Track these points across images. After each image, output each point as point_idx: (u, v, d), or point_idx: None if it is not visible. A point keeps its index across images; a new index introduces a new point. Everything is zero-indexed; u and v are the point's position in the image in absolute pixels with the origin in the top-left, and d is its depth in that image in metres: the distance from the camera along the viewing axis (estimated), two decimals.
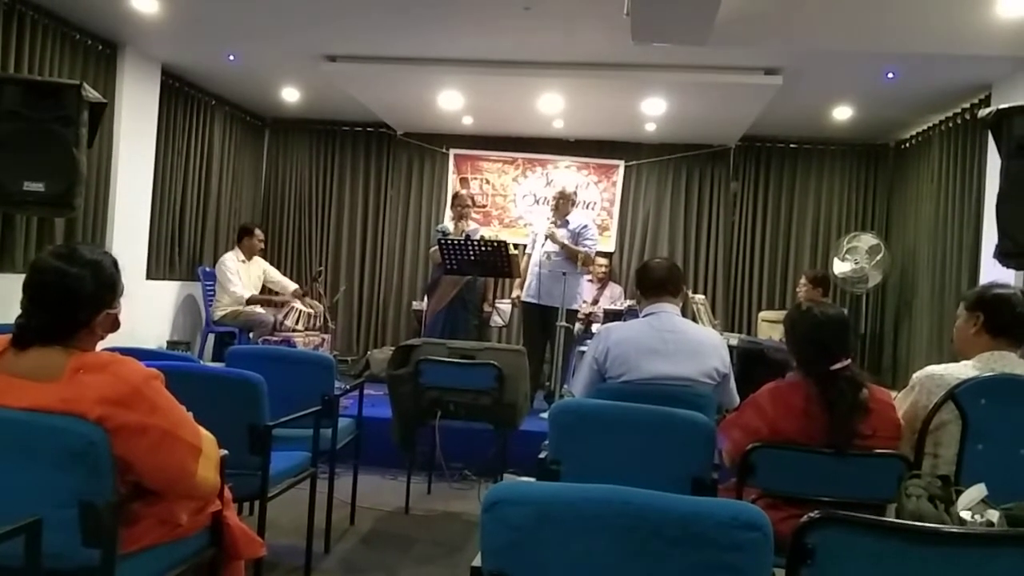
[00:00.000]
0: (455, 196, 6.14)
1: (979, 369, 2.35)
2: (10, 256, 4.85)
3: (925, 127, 6.65)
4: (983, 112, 4.03)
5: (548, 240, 5.62)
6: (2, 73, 4.60)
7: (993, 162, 4.92)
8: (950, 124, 6.08)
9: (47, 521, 1.56)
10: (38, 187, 4.28)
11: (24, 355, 1.70)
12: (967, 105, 5.79)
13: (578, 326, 5.90)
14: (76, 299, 1.72)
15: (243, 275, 6.37)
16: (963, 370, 2.36)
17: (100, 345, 1.82)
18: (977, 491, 1.68)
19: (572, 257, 5.57)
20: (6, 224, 4.83)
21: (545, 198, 7.54)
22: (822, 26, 4.69)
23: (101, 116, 4.64)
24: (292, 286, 6.60)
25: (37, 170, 4.27)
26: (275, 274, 6.73)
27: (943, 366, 2.41)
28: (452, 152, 7.94)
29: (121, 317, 1.83)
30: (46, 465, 1.62)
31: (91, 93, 4.44)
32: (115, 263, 1.82)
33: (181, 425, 1.76)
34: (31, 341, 1.70)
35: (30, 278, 1.73)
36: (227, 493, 2.05)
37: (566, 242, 5.56)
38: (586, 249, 5.62)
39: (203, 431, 1.85)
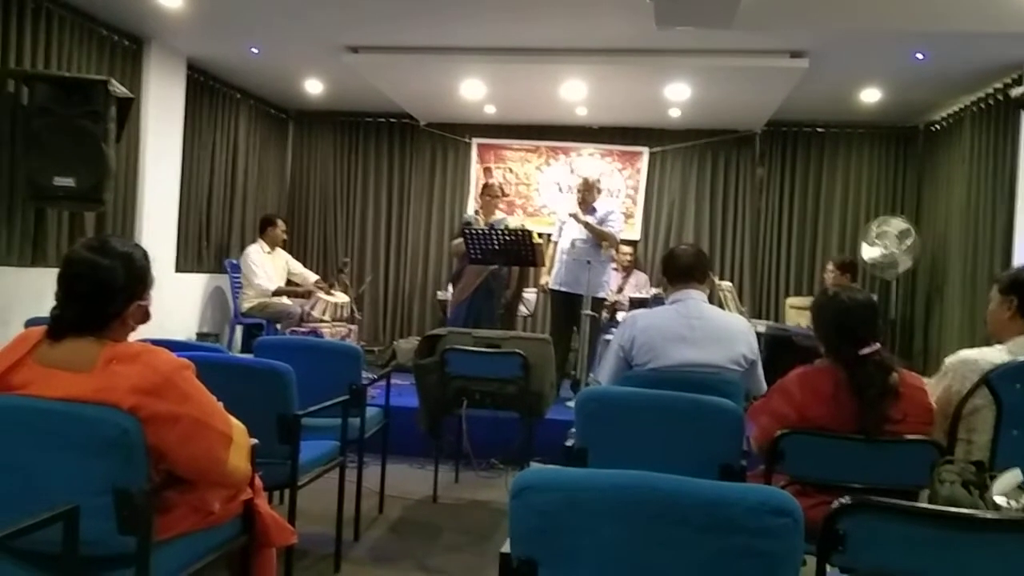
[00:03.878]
0: (485, 186, 6.14)
1: (1013, 353, 2.31)
2: (42, 250, 4.93)
3: (956, 108, 6.51)
4: (1016, 92, 3.96)
5: (572, 219, 5.59)
6: (31, 70, 4.65)
7: None
8: (981, 105, 5.95)
9: (84, 509, 1.58)
10: (68, 182, 4.37)
11: (58, 346, 1.73)
12: (999, 85, 5.65)
13: (604, 314, 5.88)
14: (108, 290, 1.74)
15: (268, 267, 6.43)
16: (996, 355, 2.33)
17: (132, 337, 1.85)
18: (1012, 477, 1.66)
19: (598, 239, 5.54)
20: (38, 219, 4.90)
21: (569, 186, 7.50)
22: (848, 7, 4.60)
23: (128, 111, 4.71)
24: (313, 277, 6.68)
25: (67, 165, 4.35)
26: (297, 266, 6.80)
27: (976, 350, 2.38)
28: (475, 141, 7.93)
29: (151, 309, 1.86)
30: (82, 454, 1.65)
31: (118, 88, 4.50)
32: (146, 255, 1.85)
33: (212, 414, 1.79)
34: (65, 332, 1.73)
35: (63, 270, 1.77)
36: (258, 482, 2.08)
37: (590, 220, 5.53)
38: (611, 230, 5.59)
39: (234, 420, 1.88)
